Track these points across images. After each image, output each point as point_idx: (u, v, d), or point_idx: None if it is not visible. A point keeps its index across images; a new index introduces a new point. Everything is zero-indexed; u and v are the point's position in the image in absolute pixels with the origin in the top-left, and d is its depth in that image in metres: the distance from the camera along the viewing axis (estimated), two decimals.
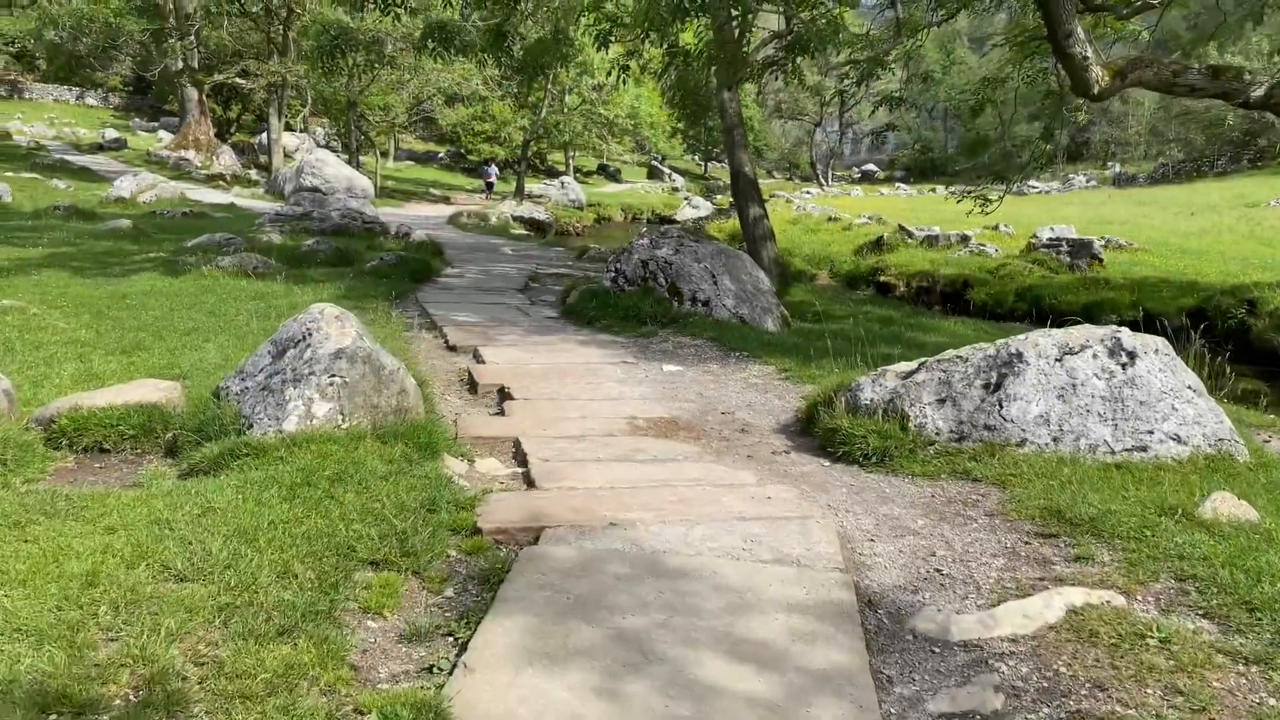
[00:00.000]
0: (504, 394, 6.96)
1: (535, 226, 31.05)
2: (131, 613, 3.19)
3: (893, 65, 15.59)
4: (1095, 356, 5.36)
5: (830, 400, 5.96)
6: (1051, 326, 5.97)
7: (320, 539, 3.85)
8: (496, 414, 6.55)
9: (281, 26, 30.34)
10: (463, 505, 4.42)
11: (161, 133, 48.97)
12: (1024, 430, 5.25)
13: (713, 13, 9.53)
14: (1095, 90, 11.95)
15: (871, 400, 5.65)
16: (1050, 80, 16.57)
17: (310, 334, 5.06)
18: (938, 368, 5.59)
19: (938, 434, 5.39)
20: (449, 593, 3.72)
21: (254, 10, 29.56)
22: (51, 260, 12.01)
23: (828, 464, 5.42)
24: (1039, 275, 20.81)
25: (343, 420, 4.86)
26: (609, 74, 12.85)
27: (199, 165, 35.31)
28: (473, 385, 7.26)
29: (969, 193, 17.77)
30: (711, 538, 4.16)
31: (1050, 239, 23.66)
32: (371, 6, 11.96)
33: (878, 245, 25.09)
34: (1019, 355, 5.42)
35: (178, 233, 16.45)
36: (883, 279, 22.49)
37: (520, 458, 5.41)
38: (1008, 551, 4.16)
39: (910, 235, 25.54)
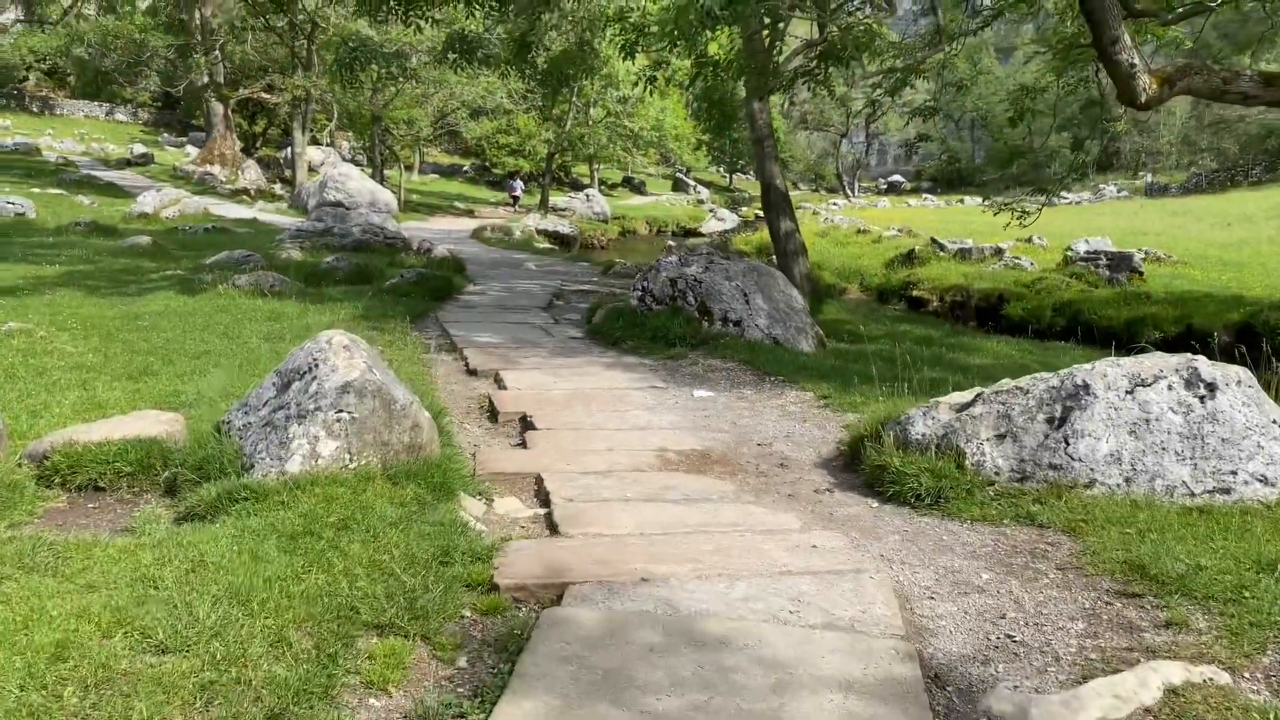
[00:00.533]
0: (526, 423, 6.58)
1: (560, 240, 30.77)
2: (101, 694, 2.81)
3: (926, 75, 15.17)
4: (1170, 388, 4.90)
5: (877, 434, 5.52)
6: (1091, 342, 5.54)
7: (320, 599, 3.47)
8: (518, 445, 6.16)
9: (305, 40, 30.32)
10: (479, 556, 4.02)
11: (189, 148, 49.25)
12: (1093, 470, 4.80)
13: (743, 21, 9.15)
14: (1142, 99, 11.45)
15: (923, 435, 5.21)
16: (1091, 89, 16.06)
17: (317, 365, 4.70)
18: (996, 400, 5.14)
19: (997, 473, 4.94)
20: (462, 663, 3.33)
21: (278, 25, 29.52)
22: (67, 279, 11.79)
23: (876, 505, 4.98)
24: (1077, 289, 20.22)
25: (350, 459, 4.49)
26: (635, 85, 12.48)
27: (224, 180, 35.37)
28: (493, 413, 6.89)
29: (1006, 205, 17.27)
30: (754, 597, 3.74)
31: (1087, 252, 23.02)
32: (394, 18, 11.62)
33: (909, 258, 24.57)
34: (1086, 387, 4.96)
35: (198, 249, 16.26)
36: (915, 293, 21.99)
37: (543, 497, 5.02)
38: (1087, 614, 3.70)
39: (942, 248, 25.00)
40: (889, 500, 5.00)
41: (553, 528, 4.53)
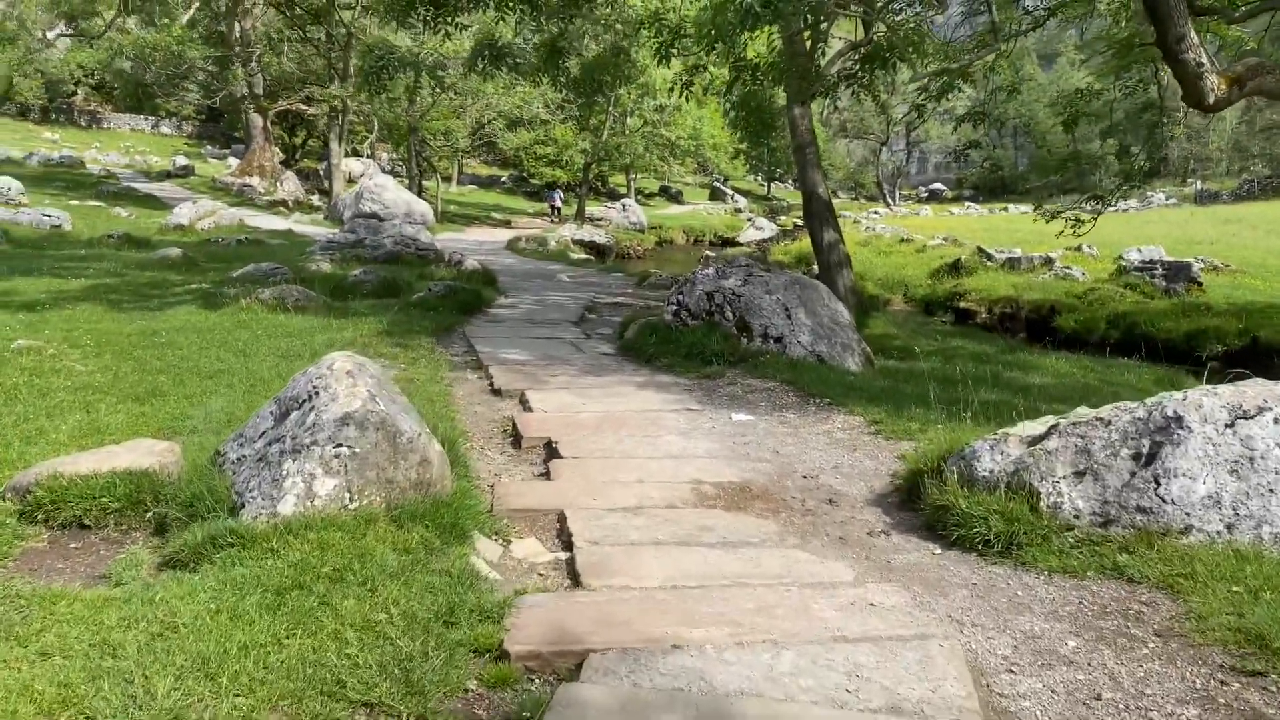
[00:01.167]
0: (551, 449, 6.11)
1: (595, 250, 30.40)
2: None
3: (973, 79, 14.56)
4: (1277, 421, 4.30)
5: (937, 468, 4.97)
6: (1152, 357, 4.93)
7: (302, 671, 3.02)
8: (541, 475, 5.69)
9: (342, 51, 30.28)
10: (488, 614, 3.54)
11: (231, 160, 49.70)
12: (1188, 514, 4.21)
13: (784, 21, 8.65)
14: (1210, 100, 10.75)
15: (991, 471, 4.65)
16: (1149, 91, 15.34)
17: (317, 393, 4.26)
18: (1073, 432, 4.57)
19: (1076, 516, 4.37)
20: None
21: (315, 37, 29.52)
22: (91, 292, 11.56)
23: (939, 551, 4.43)
24: (1132, 300, 19.40)
25: (350, 500, 4.04)
26: (671, 90, 12.02)
27: (262, 191, 35.47)
28: (517, 438, 6.43)
29: (1059, 213, 16.54)
30: (804, 670, 3.21)
31: (1141, 261, 22.17)
32: (424, 25, 11.27)
33: (955, 268, 23.84)
34: (1177, 419, 4.38)
35: (227, 261, 16.05)
36: (962, 304, 21.27)
37: (565, 538, 4.54)
38: (1199, 697, 3.13)
39: (990, 258, 24.23)
40: (953, 545, 4.45)
41: (574, 577, 4.04)
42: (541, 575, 4.17)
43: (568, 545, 4.44)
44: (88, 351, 8.07)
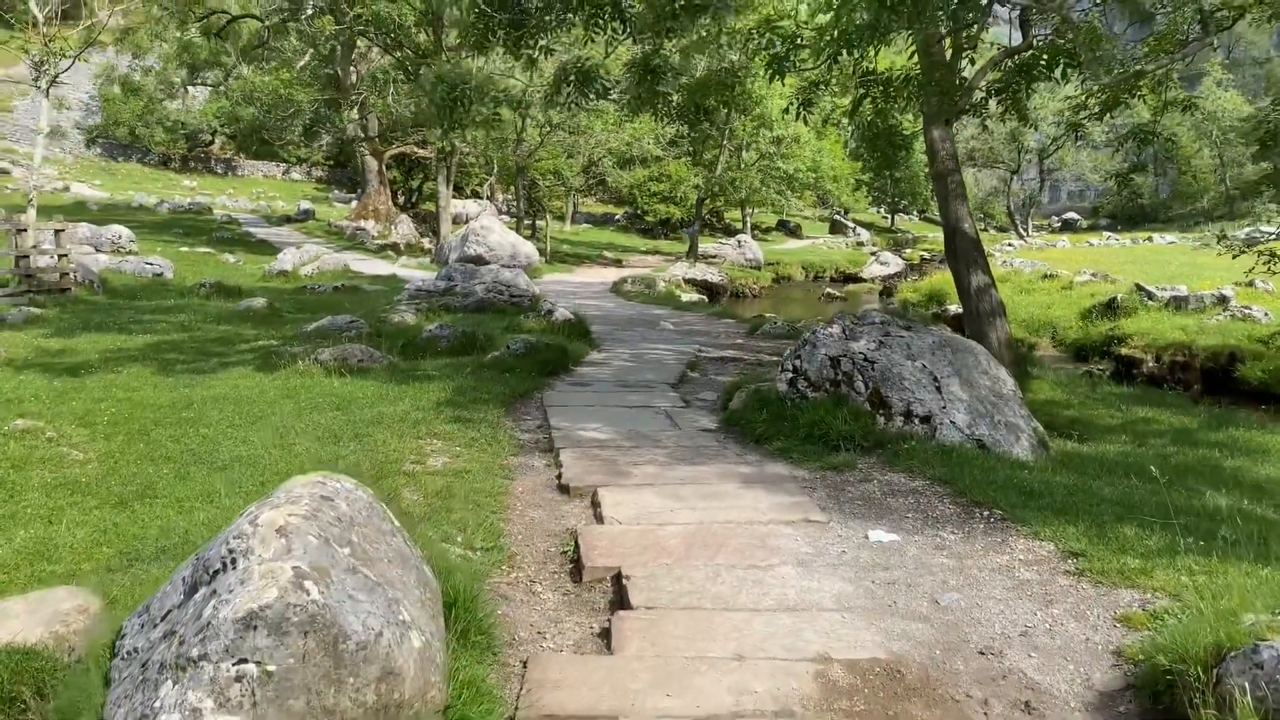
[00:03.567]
0: (620, 590, 4.50)
1: (708, 290, 28.78)
2: None
3: (1143, 92, 12.39)
4: None
5: (1205, 669, 3.12)
6: None
7: None
8: (599, 638, 4.07)
9: None
10: None
11: (354, 204, 50.57)
12: None
13: (926, 20, 6.92)
14: None
15: None
16: None
17: (232, 563, 2.78)
18: None
19: None
20: None
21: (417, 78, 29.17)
22: (149, 351, 10.65)
23: None
24: None
25: None
26: (786, 111, 10.37)
27: (375, 235, 35.39)
28: (578, 566, 4.84)
29: (1248, 245, 14.07)
30: None
31: None
32: (504, 51, 10.01)
33: (1110, 308, 21.18)
34: None
35: (314, 311, 15.16)
36: (1123, 351, 18.66)
37: None
38: None
39: (1150, 296, 21.45)
40: None
41: None
42: None
43: None
44: (98, 432, 6.92)
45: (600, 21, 9.30)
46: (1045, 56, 8.89)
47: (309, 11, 28.50)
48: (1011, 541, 5.01)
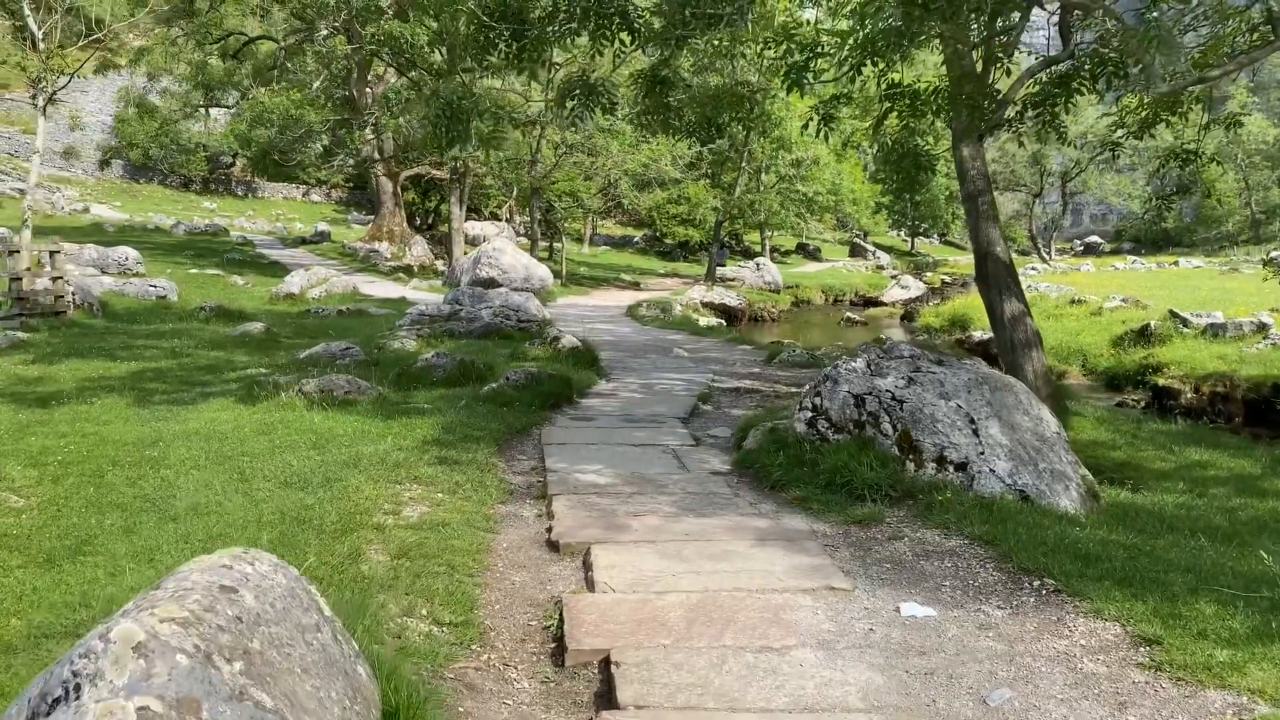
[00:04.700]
0: (607, 680, 3.80)
1: (726, 314, 28.11)
2: None
3: (1185, 108, 11.69)
4: None
5: None
6: None
7: None
8: None
9: None
10: None
11: (370, 226, 50.31)
12: None
13: (966, 26, 6.25)
14: None
15: None
16: None
17: (75, 692, 2.12)
18: None
19: None
20: None
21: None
22: (131, 380, 10.07)
23: None
24: None
25: None
26: (806, 125, 9.73)
27: (388, 257, 34.98)
28: (561, 647, 4.15)
29: None
30: None
31: None
32: (505, 64, 9.44)
33: (1143, 335, 20.35)
34: None
35: (313, 336, 14.60)
36: (1159, 380, 17.81)
37: None
38: None
39: (1185, 323, 20.59)
40: None
41: None
42: None
43: None
44: (46, 474, 6.30)
45: (608, 33, 8.71)
46: (1089, 65, 8.19)
47: (324, 33, 28.23)
48: (1070, 621, 4.27)
